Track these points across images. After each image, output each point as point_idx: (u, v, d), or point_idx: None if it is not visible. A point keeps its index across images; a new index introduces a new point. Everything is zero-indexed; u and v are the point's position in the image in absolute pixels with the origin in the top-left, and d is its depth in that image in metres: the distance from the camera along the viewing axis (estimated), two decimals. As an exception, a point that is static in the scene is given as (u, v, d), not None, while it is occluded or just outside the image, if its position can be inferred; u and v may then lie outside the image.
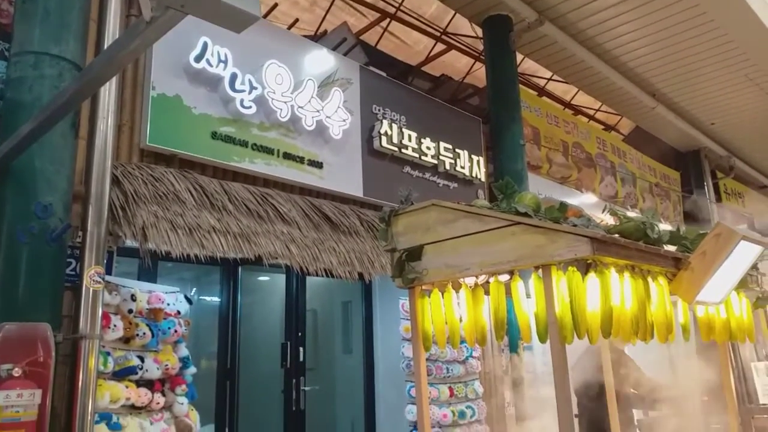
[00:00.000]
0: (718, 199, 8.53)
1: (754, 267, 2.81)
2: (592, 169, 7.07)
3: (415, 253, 2.34)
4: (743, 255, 2.30)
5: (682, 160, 8.62)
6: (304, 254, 3.60)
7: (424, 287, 2.39)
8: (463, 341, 4.79)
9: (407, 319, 4.54)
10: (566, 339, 1.93)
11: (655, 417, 4.24)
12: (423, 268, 2.32)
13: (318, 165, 4.25)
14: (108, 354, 2.94)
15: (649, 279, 2.20)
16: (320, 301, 5.78)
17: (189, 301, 3.60)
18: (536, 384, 5.41)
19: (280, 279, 4.91)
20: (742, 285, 2.62)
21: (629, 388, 4.00)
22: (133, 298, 3.14)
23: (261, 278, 5.55)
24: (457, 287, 2.32)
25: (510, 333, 5.49)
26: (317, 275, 3.95)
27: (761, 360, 4.27)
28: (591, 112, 8.16)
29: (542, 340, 1.99)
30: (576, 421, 3.38)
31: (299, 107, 4.21)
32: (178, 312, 3.41)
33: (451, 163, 5.34)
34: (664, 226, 2.50)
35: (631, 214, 2.71)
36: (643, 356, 4.55)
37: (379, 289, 5.49)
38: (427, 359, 4.68)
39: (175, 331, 3.30)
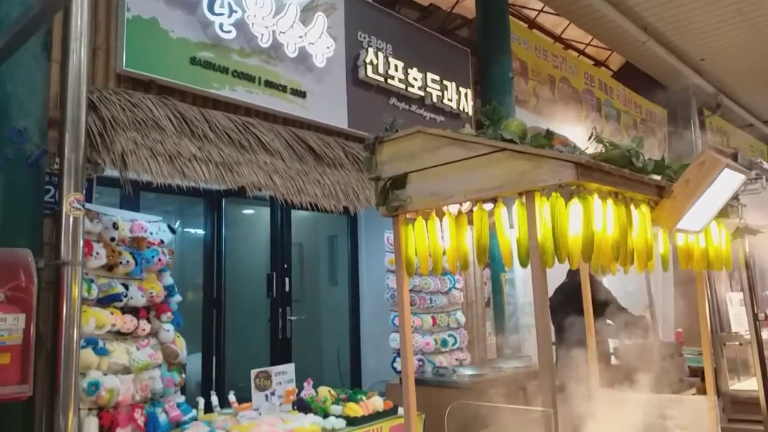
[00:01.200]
0: (704, 137, 8.56)
1: (736, 198, 2.84)
2: (579, 105, 7.01)
3: (399, 181, 2.32)
4: (726, 184, 2.31)
5: (670, 97, 8.57)
6: (288, 185, 3.57)
7: (408, 215, 2.39)
8: (446, 273, 4.84)
9: (392, 252, 4.57)
10: (547, 263, 1.94)
11: (631, 345, 4.39)
12: (407, 196, 2.30)
13: (301, 94, 4.15)
14: (92, 281, 2.93)
15: (632, 206, 2.21)
16: (306, 236, 5.80)
17: (172, 230, 3.58)
18: (516, 314, 5.56)
19: (265, 212, 4.90)
20: (723, 214, 2.65)
21: (606, 318, 4.13)
22: (115, 226, 3.11)
23: (246, 211, 5.53)
24: (440, 215, 2.31)
25: (492, 265, 5.59)
26: (302, 208, 3.93)
27: (735, 291, 4.39)
28: (581, 47, 8.01)
29: (523, 264, 2.01)
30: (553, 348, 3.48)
31: (281, 32, 4.07)
32: (162, 241, 3.40)
33: (438, 96, 5.25)
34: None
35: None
36: (621, 288, 4.68)
37: (365, 224, 5.51)
38: (411, 290, 4.77)
39: (159, 260, 3.29)
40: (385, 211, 2.36)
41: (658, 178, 2.37)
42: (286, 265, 4.60)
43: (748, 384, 3.53)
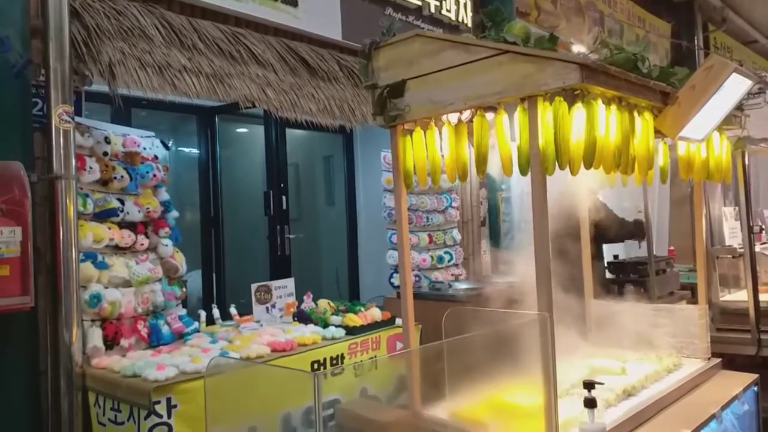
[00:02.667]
0: (707, 53, 8.34)
1: (740, 108, 2.78)
2: (581, 19, 6.77)
3: (397, 89, 2.25)
4: (732, 90, 2.26)
5: (675, 11, 8.27)
6: (282, 99, 3.48)
7: (406, 126, 2.33)
8: (443, 192, 4.83)
9: (389, 171, 4.55)
10: (547, 170, 1.92)
11: (625, 259, 4.47)
12: (405, 105, 2.25)
13: (293, 3, 3.96)
14: (87, 196, 2.91)
15: (635, 113, 2.16)
16: (302, 156, 5.74)
17: (165, 146, 3.53)
18: (512, 232, 5.61)
19: (259, 131, 4.82)
20: (727, 122, 2.60)
21: (603, 232, 4.17)
22: (107, 140, 3.05)
23: (240, 130, 5.44)
24: (439, 125, 2.26)
25: (489, 183, 5.59)
26: (296, 125, 3.86)
27: (730, 204, 4.42)
28: (586, -44, 7.62)
29: (524, 172, 1.98)
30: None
31: (269, -66, 3.83)
32: (156, 157, 3.35)
33: (436, 6, 5.04)
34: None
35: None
36: (618, 204, 4.69)
37: (361, 143, 5.45)
38: (408, 209, 4.78)
39: (154, 176, 3.26)
40: (382, 121, 2.31)
41: (663, 85, 2.31)
42: (282, 184, 4.57)
43: (738, 296, 3.62)
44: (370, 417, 2.14)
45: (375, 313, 3.41)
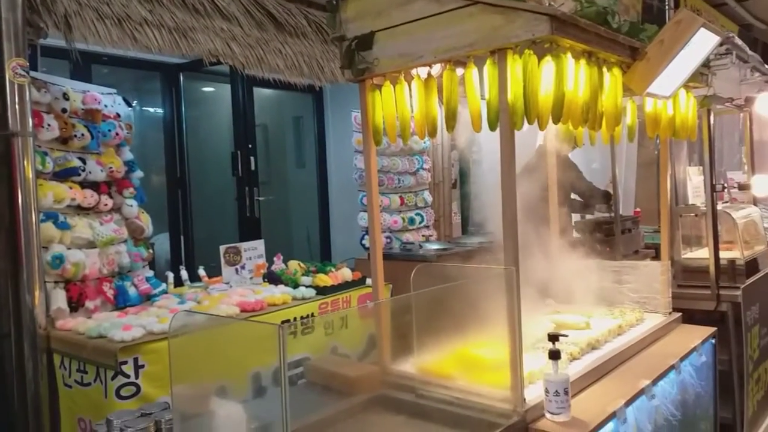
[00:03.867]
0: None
1: (706, 65, 2.80)
2: (555, -22, 6.70)
3: (365, 41, 2.20)
4: (700, 45, 2.26)
5: (647, -28, 8.25)
6: (248, 54, 3.38)
7: (375, 81, 2.29)
8: (415, 153, 4.80)
9: (360, 132, 4.49)
10: (516, 125, 1.91)
11: (592, 218, 4.54)
12: (374, 58, 2.20)
13: (259, -45, 3.82)
14: (45, 154, 2.81)
15: (604, 69, 2.16)
16: (270, 116, 5.64)
17: (128, 103, 3.42)
18: (482, 194, 5.64)
19: (226, 90, 4.70)
20: (694, 80, 2.62)
21: (571, 193, 4.21)
22: (66, 96, 2.93)
23: (205, 89, 5.30)
24: (409, 80, 2.22)
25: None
26: (264, 82, 3.77)
27: (695, 165, 4.50)
28: None
29: (492, 127, 1.97)
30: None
31: None
32: (118, 114, 3.24)
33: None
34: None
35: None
36: (586, 165, 4.74)
37: (331, 104, 5.36)
38: (379, 171, 4.74)
39: (117, 134, 3.16)
40: (350, 75, 2.26)
41: (632, 40, 2.30)
42: (250, 145, 4.49)
43: (700, 253, 3.70)
44: (339, 372, 2.16)
45: (346, 273, 3.41)
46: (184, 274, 3.52)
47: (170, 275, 3.44)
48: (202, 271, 3.50)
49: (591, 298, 3.07)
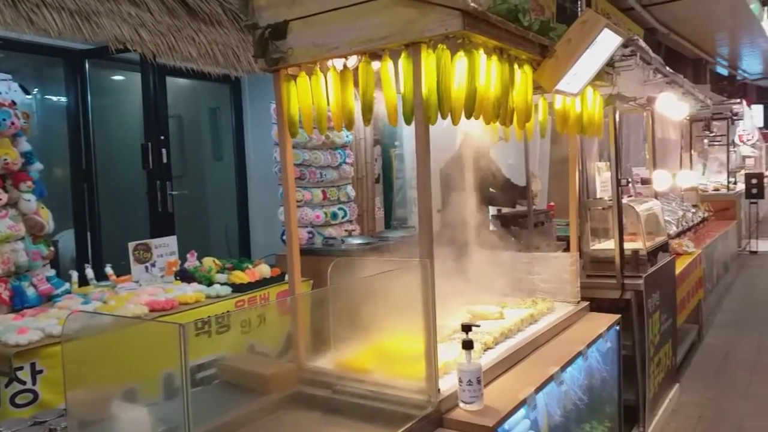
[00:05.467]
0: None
1: (611, 65, 2.93)
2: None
3: (279, 30, 2.14)
4: (604, 45, 2.36)
5: (561, -25, 8.59)
6: (158, 42, 3.22)
7: (290, 71, 2.24)
8: (337, 147, 4.76)
9: (279, 124, 4.39)
10: (430, 119, 1.92)
11: (507, 212, 4.67)
12: (288, 47, 2.15)
13: (171, -62, 3.64)
14: (-75, 144, 2.56)
15: (515, 66, 2.21)
16: (185, 107, 5.42)
17: (26, 91, 3.18)
18: (404, 188, 5.69)
19: (136, 78, 4.46)
20: (600, 78, 2.74)
21: (489, 188, 4.32)
22: (-51, 81, 2.68)
23: (114, 77, 5.01)
24: (325, 71, 2.18)
25: (383, 140, 5.59)
26: (178, 71, 3.61)
27: (603, 161, 4.71)
28: None
29: (408, 121, 1.97)
30: (439, 215, 3.60)
31: None
32: (13, 102, 3.00)
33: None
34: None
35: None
36: (503, 161, 4.88)
37: (250, 95, 5.22)
38: (300, 165, 4.68)
39: (12, 123, 2.92)
40: (264, 64, 2.20)
41: (542, 38, 2.37)
42: (162, 137, 4.29)
43: (607, 245, 3.89)
44: (253, 371, 2.10)
45: (263, 270, 3.33)
46: (89, 272, 3.31)
47: (74, 274, 3.24)
48: (109, 270, 3.31)
49: (506, 289, 3.16)
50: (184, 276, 3.28)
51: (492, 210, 4.59)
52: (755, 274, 8.69)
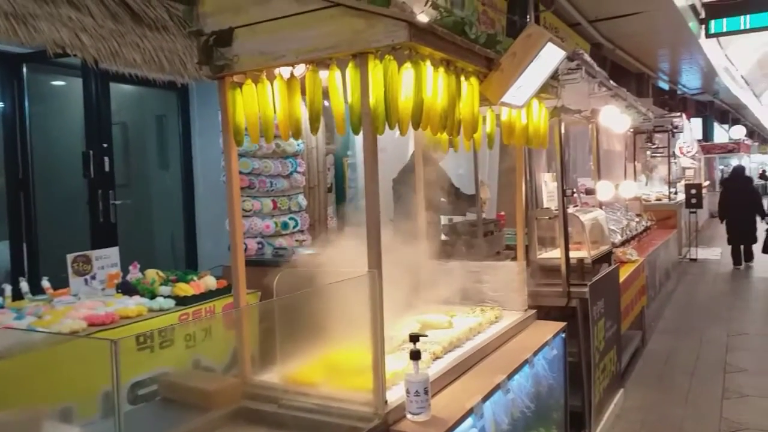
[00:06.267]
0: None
1: (555, 78, 3.01)
2: (426, -10, 6.91)
3: (224, 37, 2.11)
4: (548, 59, 2.42)
5: (510, -11, 8.76)
6: (100, 47, 3.11)
7: (235, 79, 2.20)
8: (288, 156, 4.71)
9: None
10: (378, 129, 1.92)
11: (458, 222, 4.73)
12: (234, 55, 2.11)
13: (114, -60, 3.54)
14: None
15: (462, 78, 2.24)
16: (130, 114, 5.26)
17: (-48, 95, 3.01)
18: (357, 197, 5.67)
19: (77, 84, 4.30)
20: (545, 91, 2.80)
21: (441, 197, 4.36)
22: None
23: (54, 82, 4.82)
24: (271, 78, 2.16)
25: (335, 149, 5.57)
26: (122, 77, 3.49)
27: (550, 171, 4.83)
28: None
29: (356, 131, 1.96)
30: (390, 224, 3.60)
31: None
32: (-62, 107, 2.84)
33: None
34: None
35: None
36: (454, 171, 4.94)
37: (198, 102, 5.11)
38: (250, 173, 4.60)
39: (-63, 129, 2.76)
40: (208, 71, 2.16)
41: (488, 51, 2.40)
42: (105, 144, 4.14)
43: (553, 253, 3.97)
44: (196, 387, 2.03)
45: (209, 282, 3.25)
46: (24, 286, 3.15)
47: (7, 288, 3.07)
48: (46, 283, 3.16)
49: (456, 298, 3.18)
50: (126, 289, 3.16)
51: (443, 219, 4.63)
52: (695, 281, 9.06)
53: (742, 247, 9.95)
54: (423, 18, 2.24)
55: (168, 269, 3.56)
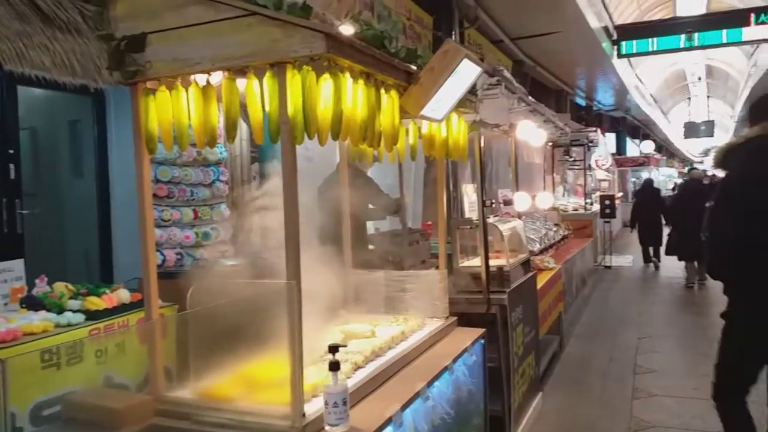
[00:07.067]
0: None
1: (474, 92, 3.11)
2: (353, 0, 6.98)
3: (136, 42, 2.04)
4: (465, 74, 2.50)
5: (437, 5, 8.99)
6: (5, 48, 2.93)
7: (149, 85, 2.14)
8: (210, 164, 4.59)
9: (148, 140, 4.15)
10: (296, 139, 1.92)
11: (385, 232, 4.77)
12: (146, 61, 2.06)
13: (21, -64, 3.36)
14: None
15: (382, 90, 2.27)
16: (41, 119, 4.98)
17: None
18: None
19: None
20: (463, 106, 2.89)
21: (369, 204, 4.39)
22: None
23: (-46, 84, 4.49)
24: (186, 85, 2.11)
25: (261, 158, 5.49)
26: (30, 78, 3.30)
27: (474, 183, 4.97)
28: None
29: (274, 140, 1.95)
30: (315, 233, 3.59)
31: None
32: None
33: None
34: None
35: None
36: (381, 181, 4.98)
37: (114, 108, 4.89)
38: (169, 182, 4.45)
39: None
40: (120, 77, 2.09)
41: (407, 65, 2.45)
42: (11, 150, 3.89)
43: (474, 262, 4.08)
44: (104, 405, 1.94)
45: (123, 295, 3.11)
46: None
47: None
48: (-62, 299, 2.93)
49: (380, 307, 3.20)
50: (31, 303, 2.97)
51: (370, 229, 4.66)
52: (609, 288, 9.55)
53: (651, 248, 11.50)
54: (346, 30, 2.27)
55: (80, 282, 3.38)
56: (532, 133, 5.57)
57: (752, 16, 12.67)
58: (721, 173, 2.87)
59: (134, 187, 4.54)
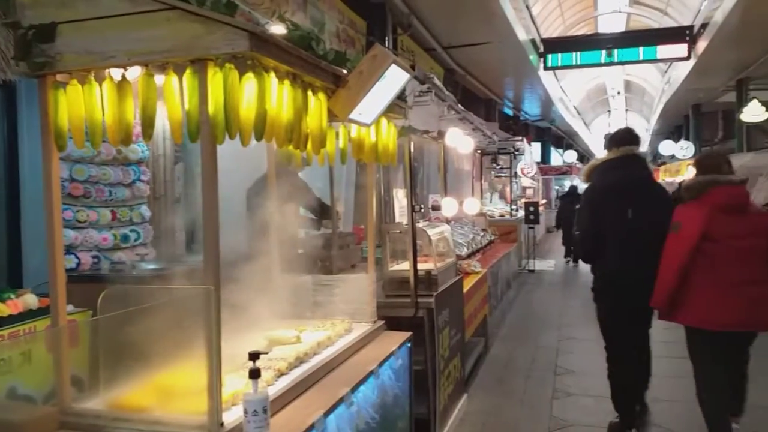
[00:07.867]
0: (395, 54, 9.30)
1: (403, 98, 3.13)
2: (286, 0, 6.89)
3: (45, 32, 1.92)
4: (394, 79, 2.51)
5: (371, 11, 9.03)
6: None
7: (59, 78, 2.02)
8: (131, 163, 4.40)
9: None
10: (218, 139, 1.86)
11: (315, 235, 4.72)
12: (56, 52, 1.94)
13: None
14: None
15: (309, 92, 2.24)
16: (-58, 110, 4.60)
17: None
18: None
19: None
20: (391, 110, 2.90)
21: (301, 209, 4.32)
22: None
23: None
24: (100, 80, 2.00)
25: (185, 158, 5.31)
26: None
27: (401, 188, 5.01)
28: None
29: (193, 139, 1.88)
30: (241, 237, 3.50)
31: None
32: None
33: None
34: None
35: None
36: (312, 184, 4.93)
37: (26, 101, 4.60)
38: (86, 181, 4.23)
39: None
40: (26, 68, 1.96)
41: (335, 68, 2.43)
42: None
43: (403, 266, 4.11)
44: (2, 419, 1.80)
45: (30, 301, 2.92)
46: None
47: None
48: None
49: (307, 312, 3.16)
50: (-77, 311, 2.73)
51: (301, 232, 4.59)
52: (533, 291, 9.88)
53: (572, 247, 12.33)
54: (277, 30, 2.23)
55: (-17, 287, 3.15)
56: (461, 140, 5.68)
57: (666, 36, 13.57)
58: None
59: (47, 186, 4.29)
